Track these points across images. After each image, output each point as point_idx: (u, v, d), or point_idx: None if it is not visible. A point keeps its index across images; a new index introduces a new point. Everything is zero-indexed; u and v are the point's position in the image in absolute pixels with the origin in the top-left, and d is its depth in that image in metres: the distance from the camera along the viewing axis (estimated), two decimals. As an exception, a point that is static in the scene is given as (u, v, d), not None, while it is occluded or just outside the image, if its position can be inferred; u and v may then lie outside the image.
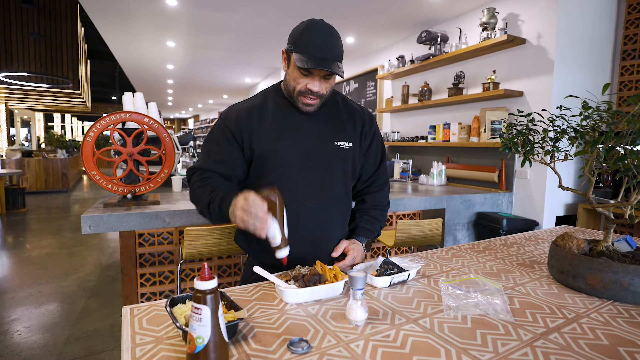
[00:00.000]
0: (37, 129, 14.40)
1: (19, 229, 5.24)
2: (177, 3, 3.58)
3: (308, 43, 1.00)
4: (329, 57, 1.02)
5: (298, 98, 1.09)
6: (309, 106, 1.10)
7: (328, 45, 1.01)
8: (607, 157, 0.92)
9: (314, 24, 1.03)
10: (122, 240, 2.06)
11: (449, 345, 0.70)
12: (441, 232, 2.32)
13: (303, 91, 1.07)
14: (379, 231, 1.28)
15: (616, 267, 0.90)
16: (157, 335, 0.72)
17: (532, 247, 1.43)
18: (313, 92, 1.06)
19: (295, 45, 1.02)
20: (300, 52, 1.01)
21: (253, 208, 0.89)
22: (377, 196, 1.30)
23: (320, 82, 1.06)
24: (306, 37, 1.01)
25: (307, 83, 1.05)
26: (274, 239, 0.93)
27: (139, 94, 2.31)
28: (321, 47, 1.00)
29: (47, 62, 8.35)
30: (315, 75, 1.04)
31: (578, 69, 2.85)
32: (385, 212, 1.31)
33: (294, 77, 1.07)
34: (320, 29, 1.02)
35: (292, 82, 1.08)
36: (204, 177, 1.10)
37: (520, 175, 2.99)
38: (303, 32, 1.02)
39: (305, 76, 1.05)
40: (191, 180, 1.13)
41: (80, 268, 3.63)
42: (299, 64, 1.00)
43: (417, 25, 3.94)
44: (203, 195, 1.04)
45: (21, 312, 2.67)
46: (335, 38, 1.04)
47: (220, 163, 1.12)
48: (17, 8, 7.95)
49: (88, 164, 1.89)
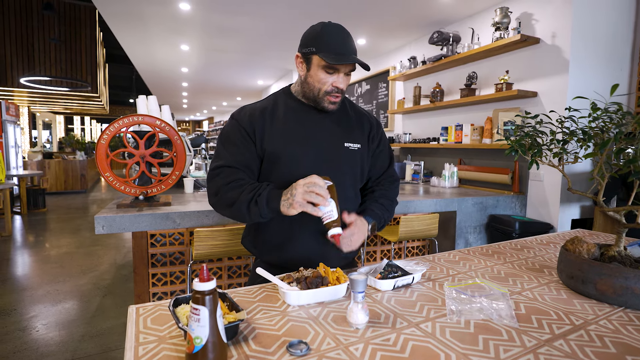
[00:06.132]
0: (57, 131, 14.84)
1: (39, 229, 5.40)
2: (191, 7, 3.64)
3: (331, 42, 1.05)
4: (353, 52, 1.07)
5: (324, 98, 1.12)
6: (334, 104, 1.13)
7: (349, 42, 1.08)
8: (617, 159, 0.89)
9: (329, 25, 1.08)
10: (135, 240, 2.10)
11: (449, 350, 0.69)
12: (437, 226, 2.57)
13: (329, 90, 1.10)
14: (386, 220, 1.25)
15: (628, 273, 0.87)
16: (161, 335, 0.74)
17: (542, 251, 1.40)
18: (339, 89, 1.10)
19: (317, 46, 1.06)
20: (325, 51, 1.05)
21: (317, 185, 0.97)
22: (387, 189, 1.29)
23: (344, 78, 1.10)
24: (327, 38, 1.05)
25: (333, 81, 1.09)
26: (331, 214, 1.00)
27: (152, 97, 2.36)
28: (344, 43, 1.06)
29: (67, 67, 8.61)
30: (341, 71, 1.08)
31: (594, 68, 2.78)
32: (393, 204, 1.29)
33: (319, 78, 1.09)
34: (338, 29, 1.08)
35: (317, 84, 1.10)
36: (237, 179, 1.08)
37: (535, 177, 2.93)
38: (322, 34, 1.06)
39: (330, 74, 1.08)
40: (217, 183, 1.10)
41: (96, 267, 3.72)
42: (329, 60, 1.03)
43: (428, 25, 3.91)
44: (242, 194, 1.04)
45: (39, 309, 2.76)
46: (351, 36, 1.10)
47: (241, 162, 1.11)
48: (39, 14, 8.23)
49: (102, 165, 1.94)
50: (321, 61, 1.06)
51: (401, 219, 2.41)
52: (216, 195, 1.10)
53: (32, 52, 8.32)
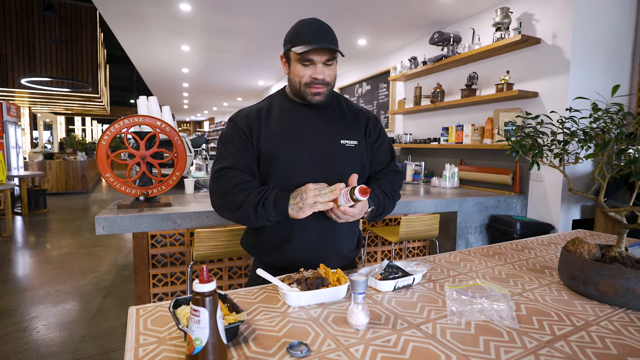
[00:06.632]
0: (58, 131, 14.85)
1: (39, 229, 5.40)
2: (191, 8, 3.64)
3: (303, 34, 1.07)
4: (326, 40, 1.06)
5: (305, 91, 1.11)
6: (318, 95, 1.12)
7: (322, 32, 1.07)
8: (618, 159, 0.89)
9: (304, 20, 1.10)
10: (135, 241, 2.10)
11: (450, 351, 0.69)
12: (438, 227, 2.57)
13: (308, 82, 1.10)
14: (385, 208, 1.21)
15: (629, 274, 0.87)
16: (161, 336, 0.74)
17: (543, 252, 1.40)
18: (318, 79, 1.09)
19: (292, 42, 1.08)
20: (298, 43, 1.06)
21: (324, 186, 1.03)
22: (390, 180, 1.27)
23: (323, 68, 1.09)
24: (300, 31, 1.08)
25: (310, 73, 1.09)
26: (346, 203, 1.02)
27: (153, 97, 2.36)
28: (316, 33, 1.06)
29: (68, 67, 8.63)
30: (317, 62, 1.08)
31: (595, 68, 2.77)
32: (395, 195, 1.25)
33: (297, 72, 1.11)
34: (310, 21, 1.09)
35: (296, 78, 1.11)
36: (243, 181, 1.08)
37: (536, 177, 2.93)
38: (296, 29, 1.10)
39: (307, 67, 1.09)
40: (222, 185, 1.09)
41: (97, 268, 3.72)
42: (299, 51, 1.04)
43: (429, 26, 3.90)
44: (249, 197, 1.04)
45: (40, 310, 2.76)
46: (327, 26, 1.10)
47: (243, 164, 1.12)
48: (40, 15, 8.24)
49: (102, 166, 1.94)
50: (295, 55, 1.08)
51: (402, 219, 2.41)
52: (222, 198, 1.09)
53: (33, 52, 8.34)
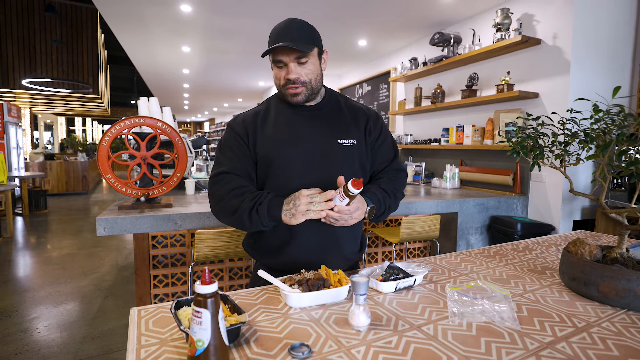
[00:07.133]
0: (59, 132, 14.86)
1: (40, 230, 5.41)
2: (192, 9, 3.65)
3: (271, 36, 1.08)
4: (289, 38, 1.04)
5: (285, 92, 1.12)
6: (295, 95, 1.11)
7: (287, 30, 1.06)
8: (619, 160, 0.89)
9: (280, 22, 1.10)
10: (136, 242, 2.10)
11: (451, 353, 0.69)
12: (439, 228, 2.57)
13: (284, 84, 1.11)
14: (387, 207, 1.18)
15: (630, 275, 0.87)
16: (162, 337, 0.74)
17: (544, 253, 1.40)
18: (291, 80, 1.08)
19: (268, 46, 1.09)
20: (268, 46, 1.07)
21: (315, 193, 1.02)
22: (392, 178, 1.24)
23: (296, 68, 1.08)
24: (271, 33, 1.09)
25: (284, 74, 1.10)
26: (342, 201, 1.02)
27: (153, 98, 2.36)
28: (280, 32, 1.06)
29: (68, 68, 8.64)
30: (288, 62, 1.07)
31: (596, 69, 2.77)
32: (397, 194, 1.23)
33: (275, 75, 1.13)
34: (283, 22, 1.09)
35: (276, 80, 1.14)
36: (239, 186, 1.09)
37: (537, 178, 2.93)
38: (270, 33, 1.09)
39: (281, 68, 1.10)
40: (218, 191, 1.10)
41: (97, 268, 3.72)
42: (264, 54, 1.06)
43: (429, 27, 3.91)
44: (243, 202, 1.05)
45: (41, 310, 2.76)
46: (297, 25, 1.07)
47: (241, 169, 1.12)
48: (41, 16, 8.25)
49: (103, 167, 1.94)
50: (270, 58, 1.10)
51: (402, 220, 2.41)
52: (218, 203, 1.10)
53: (33, 53, 8.35)
